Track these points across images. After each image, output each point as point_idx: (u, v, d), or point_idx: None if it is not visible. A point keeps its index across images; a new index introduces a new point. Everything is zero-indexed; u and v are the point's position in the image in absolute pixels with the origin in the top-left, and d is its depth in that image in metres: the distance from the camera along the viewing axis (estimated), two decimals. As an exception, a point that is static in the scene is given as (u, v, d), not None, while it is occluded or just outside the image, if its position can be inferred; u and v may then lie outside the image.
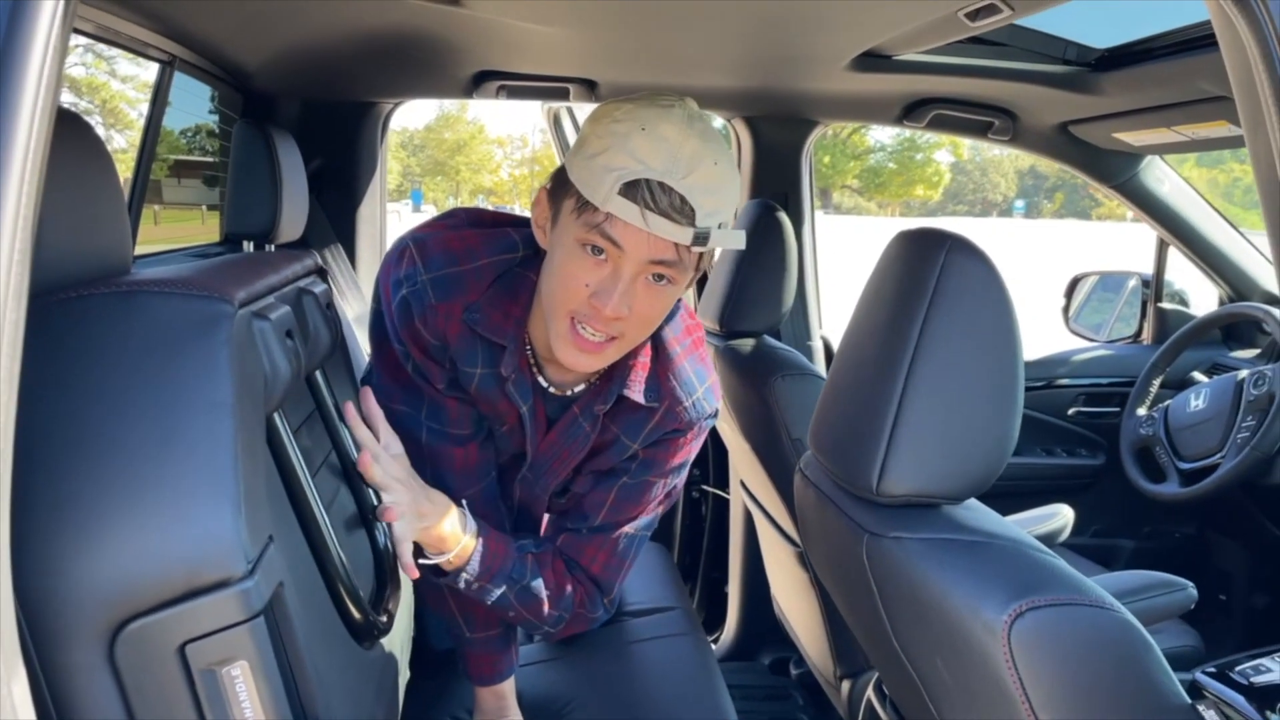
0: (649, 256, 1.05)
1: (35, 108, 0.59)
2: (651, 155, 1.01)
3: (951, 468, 0.95)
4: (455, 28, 1.66)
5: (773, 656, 2.40)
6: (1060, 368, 2.59)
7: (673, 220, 1.02)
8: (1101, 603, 0.83)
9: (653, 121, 1.03)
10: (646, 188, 1.01)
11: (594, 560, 1.34)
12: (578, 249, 1.07)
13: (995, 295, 0.95)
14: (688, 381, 1.27)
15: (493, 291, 1.20)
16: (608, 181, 1.02)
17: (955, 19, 1.43)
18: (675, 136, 1.03)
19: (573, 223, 1.07)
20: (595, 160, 1.04)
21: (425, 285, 1.17)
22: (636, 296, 1.08)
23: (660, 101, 1.06)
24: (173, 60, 1.64)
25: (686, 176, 1.02)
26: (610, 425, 1.28)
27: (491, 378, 1.23)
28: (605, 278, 1.07)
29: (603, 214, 1.03)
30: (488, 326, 1.19)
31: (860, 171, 41.49)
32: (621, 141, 1.02)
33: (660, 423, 1.28)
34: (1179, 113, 1.81)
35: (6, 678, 0.59)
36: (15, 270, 0.59)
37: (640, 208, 1.01)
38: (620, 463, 1.32)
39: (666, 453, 1.31)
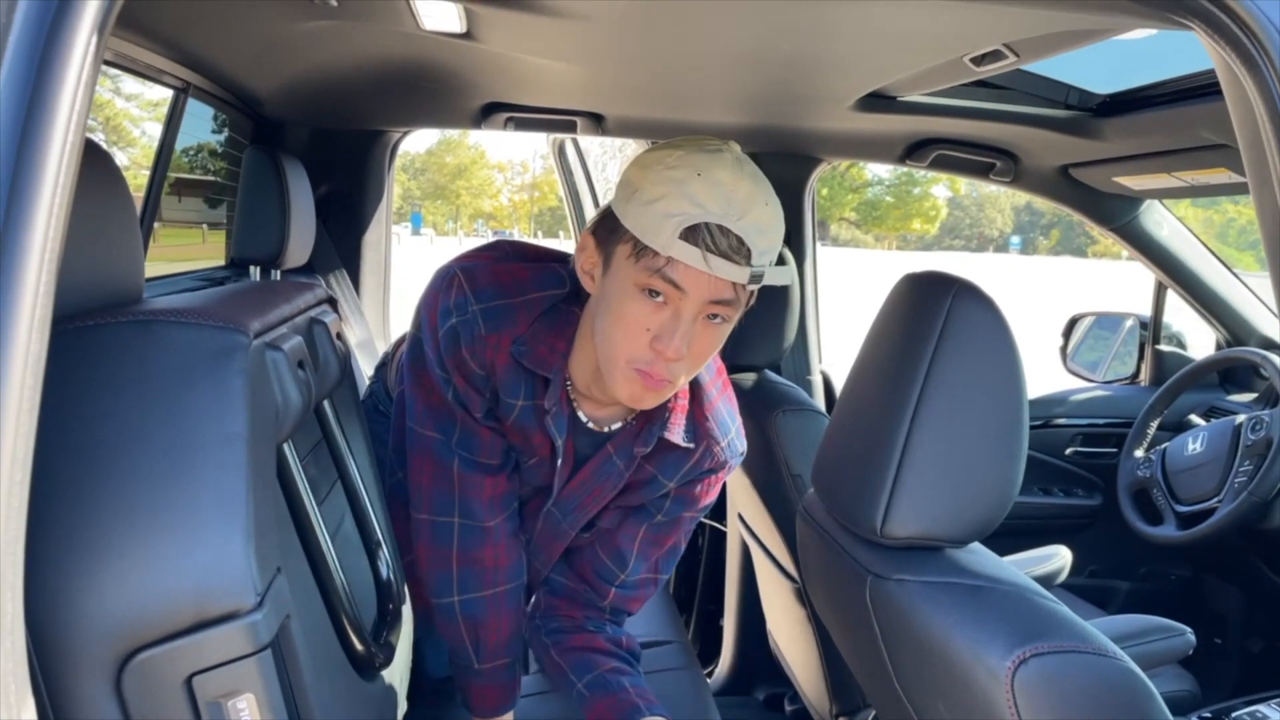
0: (710, 297, 1.08)
1: (66, 141, 0.60)
2: (709, 200, 1.04)
3: (956, 511, 0.96)
4: (465, 60, 1.68)
5: (767, 692, 2.38)
6: (1058, 407, 2.60)
7: (732, 261, 1.05)
8: (1105, 651, 0.83)
9: (706, 167, 1.06)
10: (707, 231, 1.04)
11: (637, 604, 1.44)
12: (637, 294, 1.09)
13: (1001, 341, 0.96)
14: (724, 423, 1.31)
15: (539, 325, 1.22)
16: (669, 227, 1.04)
17: (961, 64, 1.45)
18: (729, 180, 1.06)
19: (630, 267, 1.08)
20: (653, 206, 1.06)
21: (476, 315, 1.19)
22: (695, 336, 1.10)
23: (708, 147, 1.09)
24: (187, 87, 1.65)
25: (742, 218, 1.05)
26: (646, 465, 1.31)
27: (531, 410, 1.25)
28: (666, 320, 1.09)
29: (664, 259, 1.05)
30: (534, 360, 1.22)
31: (858, 204, 41.76)
32: (679, 188, 1.05)
33: (697, 463, 1.31)
34: (1179, 159, 1.83)
35: (16, 707, 0.59)
36: (41, 300, 0.59)
37: (701, 250, 1.03)
38: (652, 500, 1.35)
39: (699, 490, 1.35)
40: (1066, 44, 1.32)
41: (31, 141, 0.59)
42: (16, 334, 0.58)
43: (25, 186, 0.59)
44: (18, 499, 0.58)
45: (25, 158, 0.59)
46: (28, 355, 0.58)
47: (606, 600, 1.40)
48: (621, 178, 1.13)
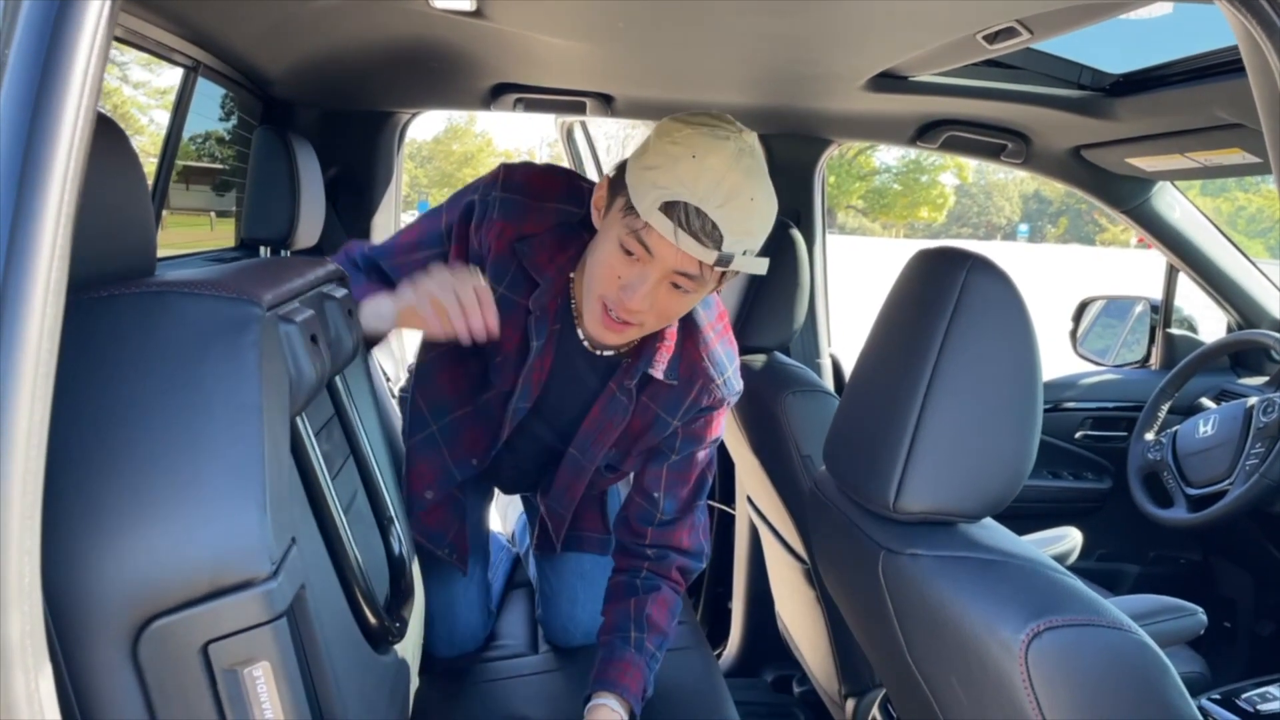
0: (674, 267, 1.19)
1: (79, 112, 0.60)
2: (695, 182, 1.13)
3: (969, 486, 0.96)
4: (475, 39, 1.67)
5: (775, 673, 2.39)
6: (1068, 391, 2.59)
7: (700, 241, 1.15)
8: (1119, 624, 0.83)
9: (704, 151, 1.14)
10: (684, 210, 1.14)
11: (681, 539, 1.53)
12: (617, 246, 1.21)
13: (1016, 315, 0.95)
14: (720, 361, 1.43)
15: (548, 236, 1.34)
16: (652, 196, 1.15)
17: (973, 41, 1.44)
18: (720, 168, 1.14)
19: (618, 220, 1.20)
20: (647, 174, 1.16)
21: (495, 201, 1.33)
22: (658, 297, 1.23)
23: (719, 132, 1.17)
24: (197, 66, 1.65)
25: (721, 206, 1.14)
26: (650, 404, 1.43)
27: (509, 303, 1.35)
28: (634, 276, 1.21)
29: (642, 222, 1.16)
30: (531, 262, 1.34)
31: (865, 192, 41.56)
32: (672, 163, 1.14)
33: (696, 399, 1.43)
34: (1193, 139, 1.82)
35: (34, 675, 0.59)
36: (55, 269, 0.59)
37: (674, 225, 1.14)
38: (663, 440, 1.47)
39: (703, 427, 1.48)
40: (1081, 20, 1.31)
41: (45, 111, 0.59)
42: (32, 303, 0.58)
43: (39, 156, 0.59)
44: (34, 468, 0.59)
45: (39, 127, 0.59)
46: (43, 324, 0.59)
47: (647, 540, 1.52)
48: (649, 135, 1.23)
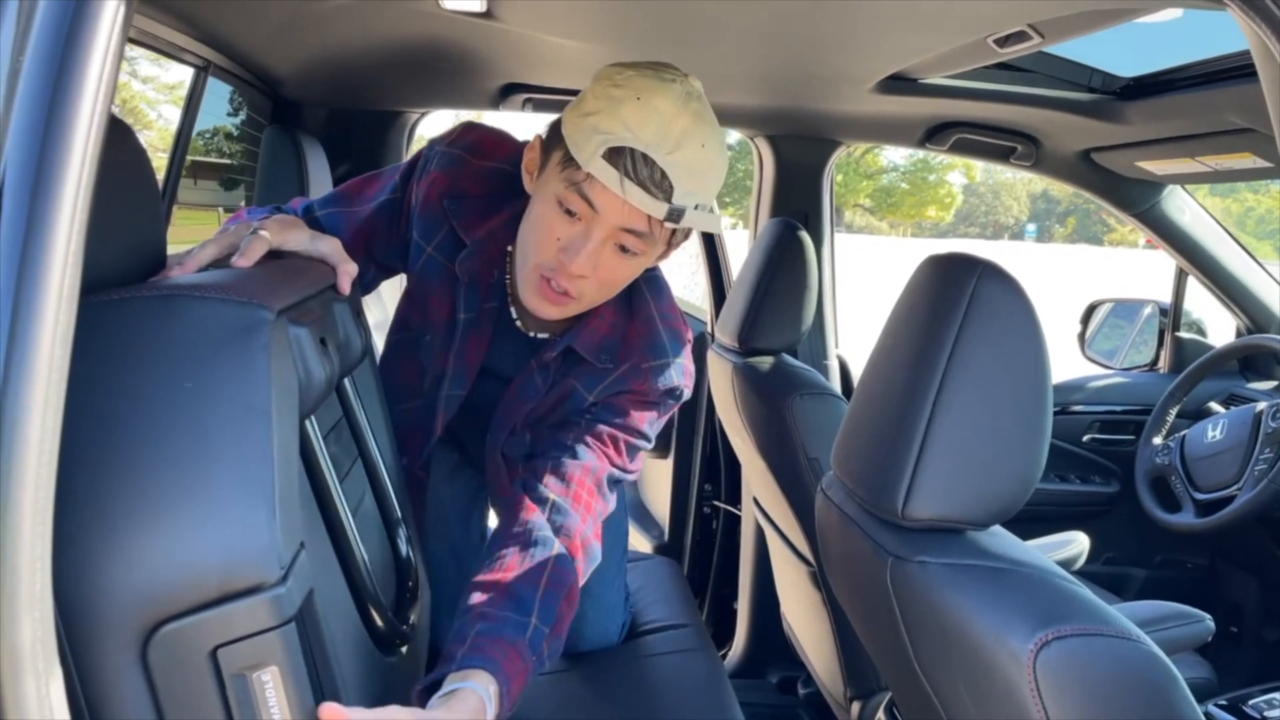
0: (620, 223, 1.09)
1: (93, 118, 0.60)
2: (641, 126, 1.04)
3: (978, 493, 0.95)
4: (485, 40, 1.67)
5: (781, 675, 2.39)
6: (1076, 394, 2.58)
7: (649, 192, 1.05)
8: (1128, 634, 0.83)
9: (649, 93, 1.05)
10: (630, 156, 1.04)
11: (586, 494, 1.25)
12: (555, 204, 1.11)
13: (1026, 323, 0.95)
14: (659, 345, 1.29)
15: (484, 198, 1.24)
16: (594, 143, 1.04)
17: (984, 45, 1.44)
18: (668, 111, 1.05)
19: (556, 176, 1.10)
20: (587, 120, 1.06)
21: (438, 154, 1.24)
22: (602, 260, 1.12)
23: (664, 75, 1.08)
24: (208, 65, 1.65)
25: (671, 153, 1.05)
26: (568, 378, 1.29)
27: (439, 268, 1.26)
28: (576, 235, 1.11)
29: (584, 174, 1.06)
30: (461, 222, 1.24)
31: (873, 191, 41.47)
32: (615, 107, 1.05)
33: (620, 377, 1.28)
34: (1203, 143, 1.82)
35: (45, 680, 0.59)
36: (69, 273, 0.59)
37: (620, 174, 1.04)
38: (575, 412, 1.30)
39: (624, 400, 1.29)
40: (1092, 24, 1.31)
41: (59, 118, 0.59)
42: (46, 310, 0.58)
43: (53, 159, 0.59)
44: (46, 474, 0.59)
45: (53, 129, 0.59)
46: (56, 331, 0.59)
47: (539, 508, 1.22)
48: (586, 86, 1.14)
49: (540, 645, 1.06)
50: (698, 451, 2.59)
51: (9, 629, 0.57)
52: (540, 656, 1.06)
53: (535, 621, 1.06)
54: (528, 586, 1.09)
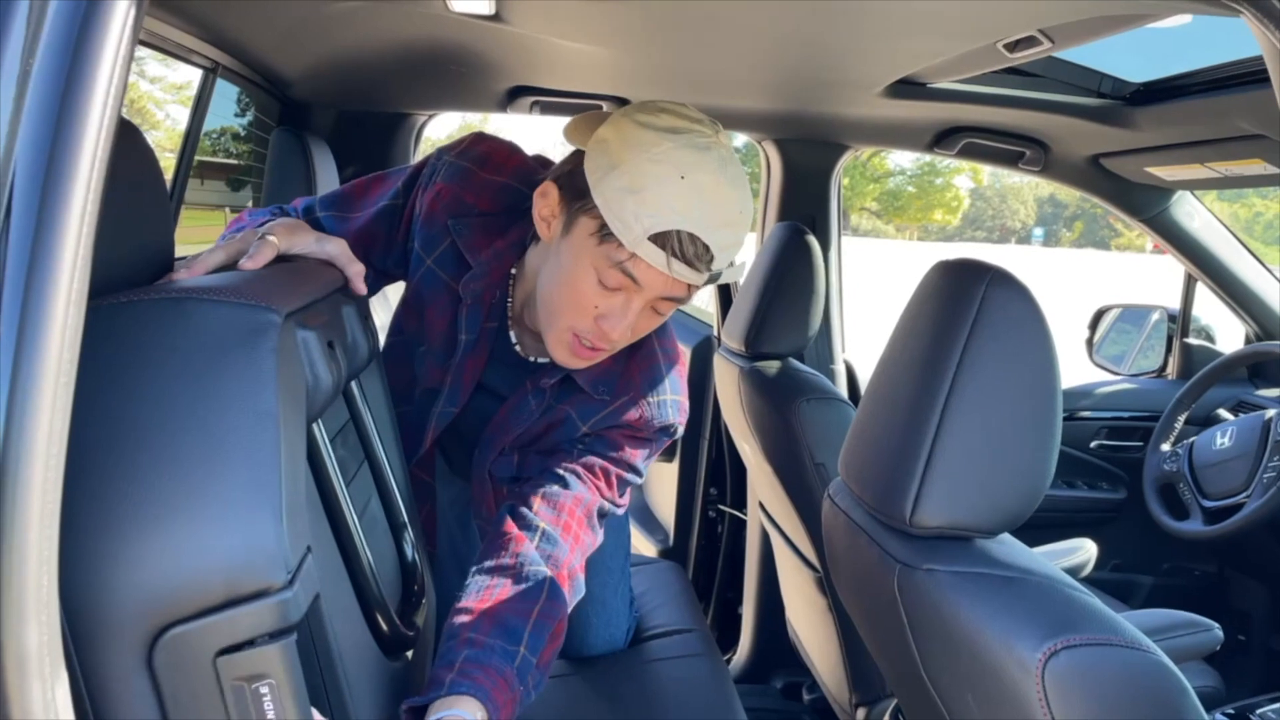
0: (663, 294, 1.11)
1: (103, 116, 0.60)
2: (688, 208, 1.03)
3: (987, 501, 0.95)
4: (493, 42, 1.67)
5: (785, 680, 2.39)
6: (1083, 400, 2.58)
7: (694, 268, 1.06)
8: (1137, 644, 0.82)
9: (691, 169, 1.04)
10: (677, 238, 1.04)
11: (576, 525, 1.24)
12: (593, 277, 1.09)
13: (1036, 329, 0.95)
14: (658, 382, 1.28)
15: (490, 216, 1.23)
16: (639, 226, 1.04)
17: (994, 50, 1.43)
18: (711, 186, 1.05)
19: (592, 247, 1.08)
20: (631, 198, 1.04)
21: (446, 164, 1.23)
22: (638, 322, 1.14)
23: (697, 140, 1.06)
24: (216, 67, 1.66)
25: (716, 230, 1.05)
26: (563, 404, 1.28)
27: (438, 281, 1.25)
28: (615, 306, 1.11)
29: (628, 253, 1.06)
30: (466, 242, 1.22)
31: (879, 194, 41.43)
32: (659, 187, 1.03)
33: (616, 410, 1.27)
34: (1213, 149, 1.81)
35: (51, 684, 0.59)
36: (78, 275, 0.59)
37: (667, 255, 1.04)
38: (568, 440, 1.29)
39: (617, 434, 1.29)
40: (1103, 29, 1.30)
41: (69, 115, 0.59)
42: (54, 314, 0.58)
43: (63, 161, 0.59)
44: (54, 478, 0.59)
45: (63, 132, 0.59)
46: (65, 330, 0.59)
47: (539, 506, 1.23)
48: (600, 135, 1.10)
49: (527, 677, 1.05)
50: (703, 455, 2.59)
51: (15, 633, 0.56)
52: (527, 688, 1.05)
53: (524, 652, 1.06)
54: (518, 617, 1.08)
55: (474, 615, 1.08)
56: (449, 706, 0.94)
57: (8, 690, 0.57)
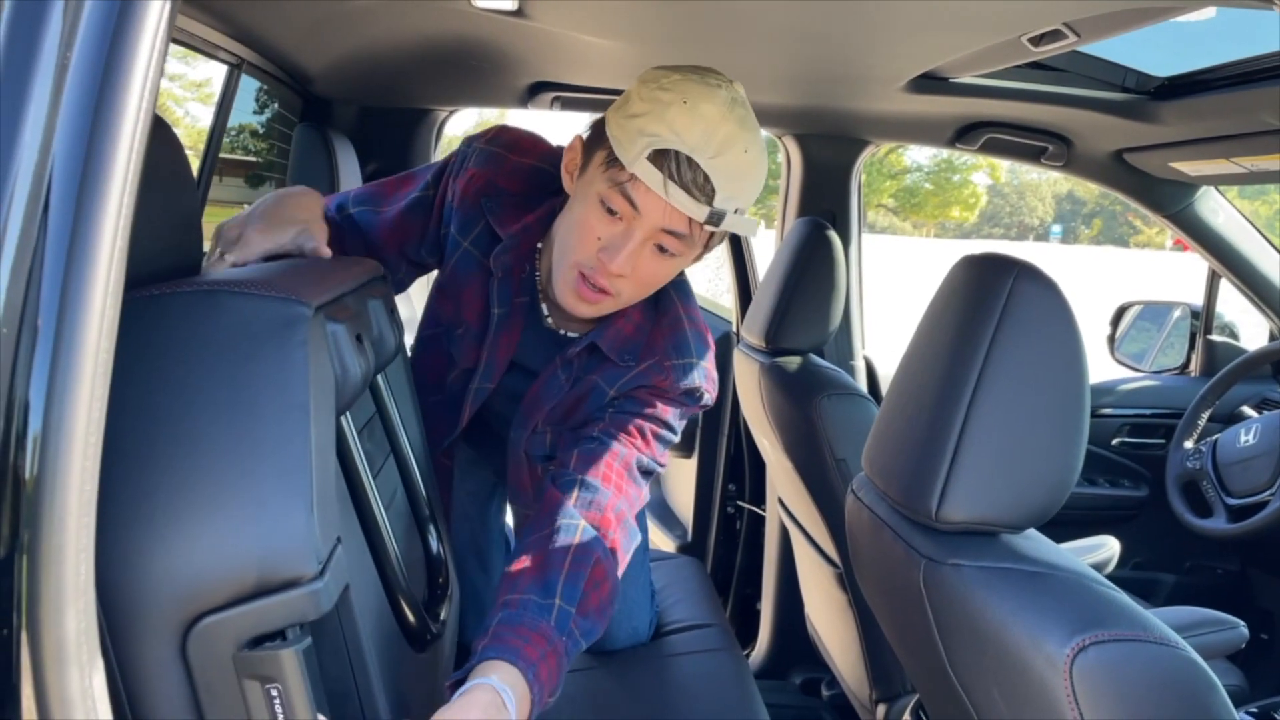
0: (661, 224, 1.11)
1: (139, 114, 0.60)
2: (687, 130, 1.05)
3: (1013, 496, 0.95)
4: (515, 38, 1.67)
5: (804, 676, 2.38)
6: (1105, 397, 2.56)
7: (691, 195, 1.07)
8: (1166, 640, 0.82)
9: (696, 97, 1.07)
10: (674, 159, 1.06)
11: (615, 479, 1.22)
12: (597, 204, 1.12)
13: (1063, 323, 0.94)
14: (683, 345, 1.29)
15: (520, 195, 1.27)
16: (639, 145, 1.06)
17: (1018, 44, 1.42)
18: (714, 116, 1.06)
19: (599, 176, 1.12)
20: (633, 121, 1.07)
21: (476, 151, 1.27)
22: (641, 260, 1.14)
23: (709, 80, 1.10)
24: (241, 63, 1.66)
25: (715, 157, 1.06)
26: (590, 375, 1.29)
27: (473, 261, 1.29)
28: (616, 235, 1.12)
29: (627, 174, 1.08)
30: (497, 218, 1.26)
31: (896, 191, 41.24)
32: (661, 110, 1.06)
33: (641, 373, 1.28)
34: (1239, 144, 1.79)
35: (88, 671, 0.60)
36: (115, 267, 0.60)
37: (664, 176, 1.06)
38: (597, 412, 1.30)
39: (644, 394, 1.28)
40: (1129, 23, 1.29)
41: (106, 114, 0.59)
42: (93, 305, 0.58)
43: (100, 158, 0.59)
44: (91, 467, 0.59)
45: (100, 130, 0.59)
46: (102, 326, 0.59)
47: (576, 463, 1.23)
48: (628, 89, 1.15)
49: (568, 625, 1.03)
50: (722, 451, 2.59)
51: (54, 620, 0.57)
52: (573, 637, 1.03)
53: (559, 603, 1.04)
54: (552, 569, 1.07)
55: (511, 579, 1.07)
56: (482, 674, 0.93)
57: (46, 677, 0.57)
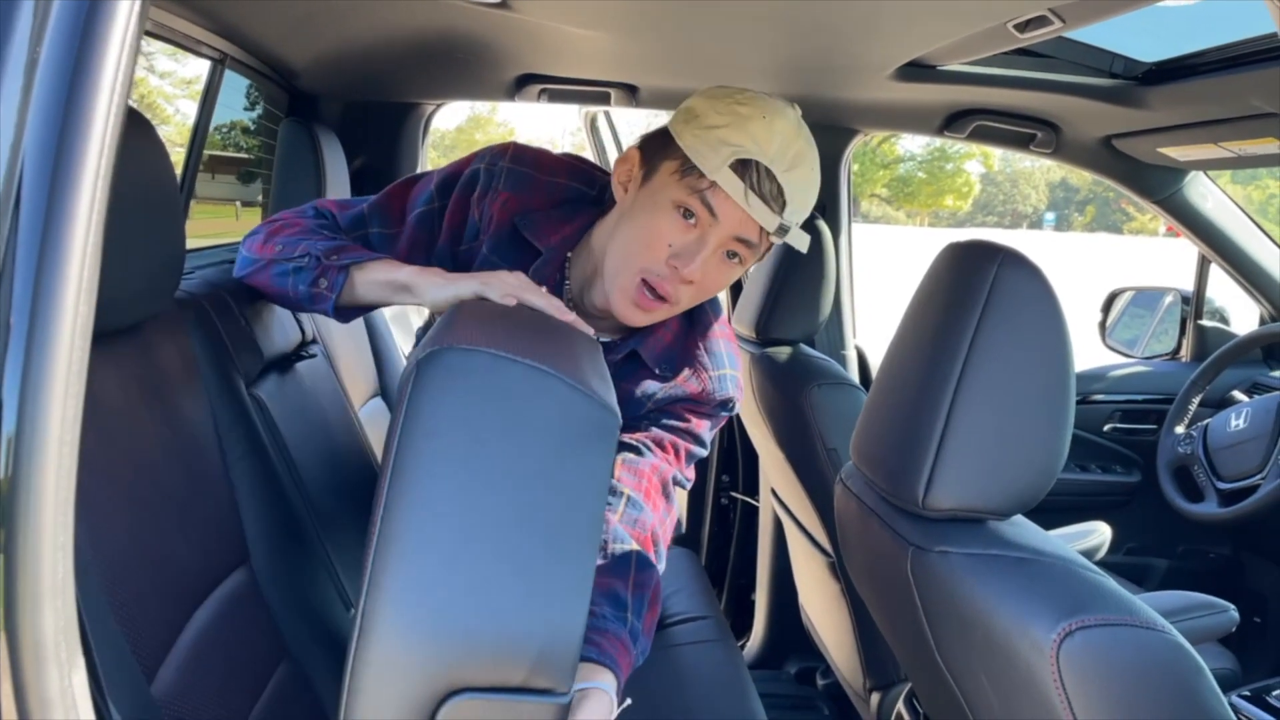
0: (736, 232, 1.14)
1: (111, 103, 0.60)
2: (768, 143, 1.10)
3: (1000, 483, 0.94)
4: (501, 31, 1.66)
5: (799, 666, 2.39)
6: (1096, 383, 2.56)
7: (768, 205, 1.11)
8: (1153, 624, 0.82)
9: (773, 114, 1.12)
10: (756, 169, 1.10)
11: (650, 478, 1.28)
12: (670, 209, 1.14)
13: (1048, 310, 0.94)
14: (718, 355, 1.32)
15: (554, 212, 1.28)
16: (722, 154, 1.10)
17: (1004, 30, 1.42)
18: (789, 133, 1.12)
19: (673, 183, 1.13)
20: (713, 133, 1.11)
21: (502, 172, 1.27)
22: (710, 266, 1.16)
23: (777, 102, 1.15)
24: (224, 58, 1.65)
25: (790, 170, 1.11)
26: (627, 384, 1.30)
27: None
28: (691, 241, 1.14)
29: (708, 182, 1.11)
30: (533, 231, 1.26)
31: (889, 180, 41.21)
32: (743, 122, 1.10)
33: (678, 383, 1.31)
34: (1227, 128, 1.79)
35: (67, 670, 0.59)
36: (88, 264, 0.59)
37: (745, 185, 1.10)
38: (632, 420, 1.32)
39: (680, 407, 1.32)
40: (1115, 8, 1.29)
41: (78, 101, 0.59)
42: (65, 299, 0.58)
43: (72, 147, 0.58)
44: (67, 464, 0.58)
45: (72, 117, 0.58)
46: (76, 319, 0.58)
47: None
48: (684, 106, 1.18)
49: (638, 641, 1.10)
50: (714, 443, 2.59)
51: (31, 620, 0.57)
52: (638, 653, 1.10)
53: (631, 618, 1.10)
54: (619, 584, 1.12)
55: None
56: (584, 678, 0.97)
57: (25, 677, 0.57)
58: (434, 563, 0.68)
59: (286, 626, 1.16)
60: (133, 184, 0.82)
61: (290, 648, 1.16)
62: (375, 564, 0.67)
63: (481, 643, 0.68)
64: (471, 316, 0.89)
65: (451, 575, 0.68)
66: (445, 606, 0.68)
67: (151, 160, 0.88)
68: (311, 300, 1.21)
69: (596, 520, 0.72)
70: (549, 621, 0.69)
